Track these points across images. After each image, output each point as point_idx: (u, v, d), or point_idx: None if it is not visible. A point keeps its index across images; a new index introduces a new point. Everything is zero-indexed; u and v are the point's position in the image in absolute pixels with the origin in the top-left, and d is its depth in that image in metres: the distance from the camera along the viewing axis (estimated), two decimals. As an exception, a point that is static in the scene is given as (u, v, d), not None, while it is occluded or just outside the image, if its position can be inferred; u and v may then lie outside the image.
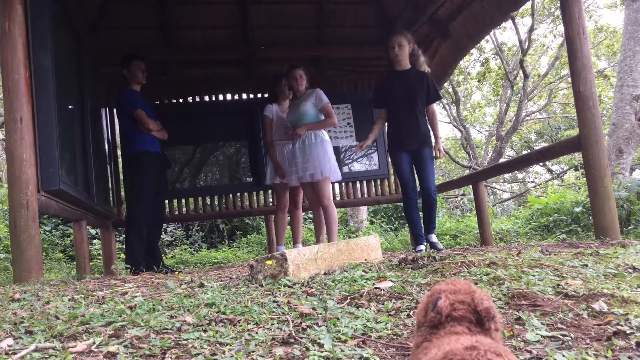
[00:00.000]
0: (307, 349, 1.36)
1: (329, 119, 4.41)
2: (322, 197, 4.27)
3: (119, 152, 6.44)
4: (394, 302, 1.75)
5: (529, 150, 16.98)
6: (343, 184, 6.19)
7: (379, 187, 6.34)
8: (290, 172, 4.52)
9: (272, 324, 1.57)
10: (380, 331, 1.48)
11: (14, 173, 3.00)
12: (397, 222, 10.65)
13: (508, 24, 12.93)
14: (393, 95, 4.18)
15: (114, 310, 1.78)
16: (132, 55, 4.49)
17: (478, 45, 12.45)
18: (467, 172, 13.62)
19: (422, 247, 4.04)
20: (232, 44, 6.11)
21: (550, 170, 17.36)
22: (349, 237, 8.94)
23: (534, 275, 1.94)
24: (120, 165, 6.24)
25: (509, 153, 17.68)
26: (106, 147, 5.35)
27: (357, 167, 6.34)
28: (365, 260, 2.70)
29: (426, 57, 4.39)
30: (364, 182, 6.29)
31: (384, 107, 4.30)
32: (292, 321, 1.58)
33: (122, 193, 5.76)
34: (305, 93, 4.49)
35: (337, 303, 1.77)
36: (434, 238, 4.14)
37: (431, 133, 4.21)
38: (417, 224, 4.18)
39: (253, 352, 1.34)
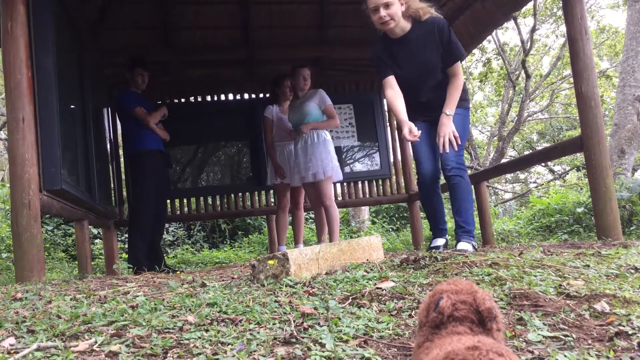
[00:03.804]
0: (309, 348, 1.35)
1: (332, 120, 4.43)
2: (324, 197, 4.27)
3: (121, 152, 6.46)
4: (395, 302, 1.75)
5: (530, 151, 16.97)
6: (345, 184, 6.19)
7: (381, 187, 6.34)
8: (293, 172, 4.53)
9: (274, 324, 1.57)
10: (382, 331, 1.48)
11: (16, 173, 3.00)
12: (398, 222, 10.65)
13: (510, 24, 12.93)
14: (399, 73, 3.13)
15: (115, 310, 1.79)
16: (136, 61, 4.55)
17: (480, 45, 12.43)
18: (469, 172, 13.59)
19: (439, 241, 3.11)
20: (233, 44, 6.11)
21: (552, 171, 17.33)
22: (351, 237, 8.93)
23: (535, 276, 1.94)
24: (122, 164, 6.26)
25: (510, 153, 17.66)
26: (108, 146, 5.37)
27: (358, 167, 6.34)
28: (367, 260, 2.70)
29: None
30: (366, 182, 6.30)
31: (392, 73, 3.13)
32: (294, 321, 1.58)
33: (124, 192, 5.77)
34: (308, 93, 4.50)
35: (339, 303, 1.77)
36: (461, 246, 2.87)
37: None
38: (433, 213, 3.18)
39: (255, 351, 1.34)
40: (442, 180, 3.30)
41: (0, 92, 11.83)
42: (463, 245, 2.89)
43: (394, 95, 3.09)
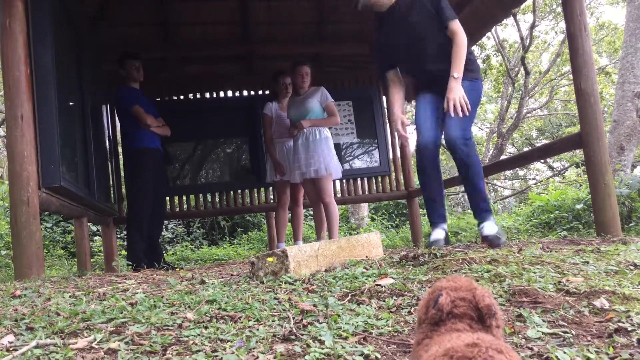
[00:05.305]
0: (308, 345, 1.35)
1: (333, 118, 4.43)
2: (324, 194, 4.28)
3: (119, 149, 6.45)
4: (394, 299, 1.75)
5: (530, 147, 16.97)
6: (344, 180, 6.19)
7: (380, 184, 6.34)
8: (293, 169, 4.52)
9: (273, 321, 1.57)
10: (381, 328, 1.48)
11: (14, 170, 3.00)
12: (397, 219, 10.64)
13: (509, 20, 12.90)
14: (395, 52, 3.07)
15: (114, 307, 1.79)
16: (126, 54, 4.52)
17: (479, 42, 12.42)
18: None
19: (437, 236, 2.89)
20: (232, 40, 6.10)
21: (551, 167, 17.35)
22: (350, 234, 8.94)
23: (535, 272, 1.94)
24: (121, 161, 6.26)
25: (510, 150, 17.66)
26: (107, 143, 5.36)
27: (358, 164, 6.34)
28: (366, 257, 2.70)
29: None
30: (365, 179, 6.29)
31: (391, 68, 3.15)
32: (293, 318, 1.58)
33: (124, 190, 5.77)
34: (309, 90, 4.50)
35: (338, 300, 1.77)
36: (488, 229, 2.71)
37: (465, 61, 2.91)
38: (430, 199, 2.96)
39: (254, 348, 1.34)
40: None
41: (-2, 89, 11.79)
42: (490, 226, 2.73)
43: (390, 88, 3.20)
